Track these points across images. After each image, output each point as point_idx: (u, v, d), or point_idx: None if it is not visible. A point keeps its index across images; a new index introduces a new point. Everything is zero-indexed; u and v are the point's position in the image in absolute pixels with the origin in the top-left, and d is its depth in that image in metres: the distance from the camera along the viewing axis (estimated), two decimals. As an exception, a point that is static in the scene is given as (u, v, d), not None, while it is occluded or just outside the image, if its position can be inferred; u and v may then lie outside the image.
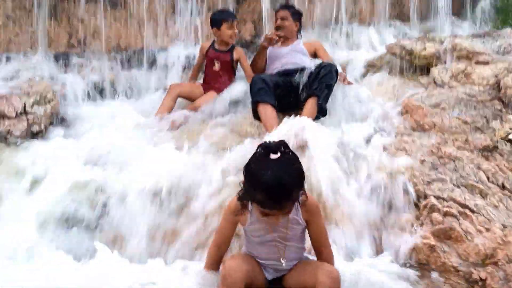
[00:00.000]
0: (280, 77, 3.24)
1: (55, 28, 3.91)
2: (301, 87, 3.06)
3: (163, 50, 4.23)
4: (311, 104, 2.95)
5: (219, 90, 3.39)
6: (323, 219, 1.59)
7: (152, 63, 4.16)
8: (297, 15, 3.66)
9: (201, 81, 3.67)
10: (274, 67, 3.42)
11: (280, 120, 2.74)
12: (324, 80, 3.00)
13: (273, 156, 1.37)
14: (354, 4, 5.20)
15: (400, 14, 5.51)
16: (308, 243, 1.61)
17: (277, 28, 3.56)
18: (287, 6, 3.78)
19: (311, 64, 3.30)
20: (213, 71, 3.49)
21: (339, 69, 3.14)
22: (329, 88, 3.04)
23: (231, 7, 4.53)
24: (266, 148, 1.39)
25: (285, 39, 3.54)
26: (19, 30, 3.80)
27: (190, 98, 3.49)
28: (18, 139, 2.77)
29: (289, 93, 3.07)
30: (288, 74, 3.25)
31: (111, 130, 2.84)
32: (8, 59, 3.68)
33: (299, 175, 1.40)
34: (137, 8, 4.16)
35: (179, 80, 4.03)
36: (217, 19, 3.47)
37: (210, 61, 3.52)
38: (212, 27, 3.51)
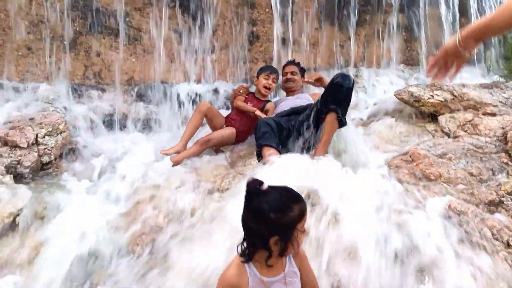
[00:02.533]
0: (286, 116, 3.33)
1: (72, 60, 4.03)
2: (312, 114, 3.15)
3: (175, 85, 4.33)
4: (330, 120, 3.01)
5: (238, 130, 3.56)
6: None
7: (165, 98, 4.25)
8: (303, 72, 4.03)
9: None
10: (281, 110, 3.52)
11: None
12: (338, 96, 3.04)
13: (265, 187, 1.43)
14: (363, 47, 5.31)
15: (409, 58, 5.61)
16: None
17: (287, 80, 3.88)
18: (295, 63, 4.05)
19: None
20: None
21: (351, 78, 3.12)
22: (346, 101, 3.07)
23: (244, 46, 4.67)
24: (254, 183, 1.43)
25: (291, 91, 3.86)
26: (38, 61, 3.91)
27: (210, 121, 3.62)
28: (28, 169, 2.81)
29: (299, 129, 3.14)
30: (295, 112, 3.34)
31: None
32: (25, 88, 3.79)
33: None
34: (152, 44, 4.29)
35: (188, 115, 4.12)
36: (259, 71, 3.85)
37: (246, 101, 3.74)
38: (255, 77, 3.89)
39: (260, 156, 2.91)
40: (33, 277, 1.97)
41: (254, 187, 1.42)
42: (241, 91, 3.84)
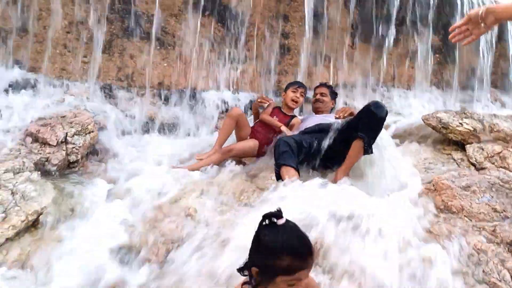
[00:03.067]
0: (310, 133, 3.33)
1: (106, 61, 4.14)
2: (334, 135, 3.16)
3: (205, 92, 4.39)
4: (356, 147, 2.99)
5: (261, 143, 3.58)
6: None
7: (193, 104, 4.32)
8: (334, 95, 4.07)
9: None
10: (306, 126, 3.52)
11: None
12: (369, 124, 3.00)
13: (280, 222, 1.39)
14: (395, 67, 5.26)
15: (441, 81, 5.52)
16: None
17: (316, 100, 3.93)
18: (327, 85, 4.09)
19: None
20: None
21: (385, 108, 3.06)
22: (376, 131, 3.03)
23: (275, 58, 4.70)
24: (271, 217, 1.41)
25: (320, 111, 3.90)
26: (73, 60, 4.03)
27: (239, 129, 3.64)
28: (55, 167, 2.90)
29: (321, 148, 3.13)
30: (320, 130, 3.34)
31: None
32: (60, 84, 3.91)
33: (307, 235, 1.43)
34: (185, 50, 4.36)
35: (215, 122, 4.19)
36: (288, 85, 3.90)
37: (271, 115, 3.75)
38: (284, 91, 3.92)
39: (278, 176, 2.90)
40: (50, 277, 2.02)
41: (269, 216, 1.42)
42: (262, 101, 3.83)
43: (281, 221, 1.39)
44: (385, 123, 4.01)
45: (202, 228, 2.36)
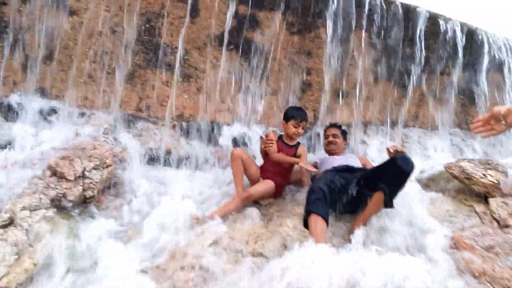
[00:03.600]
0: (341, 172, 3.27)
1: (128, 92, 4.18)
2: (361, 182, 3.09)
3: (223, 125, 4.39)
4: (376, 200, 2.92)
5: (277, 184, 3.51)
6: None
7: (213, 137, 4.31)
8: (345, 134, 4.03)
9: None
10: (330, 166, 3.47)
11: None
12: (394, 179, 2.92)
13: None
14: (417, 106, 5.19)
15: (464, 122, 5.42)
16: None
17: (329, 143, 3.90)
18: (337, 125, 4.05)
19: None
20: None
21: (413, 162, 2.97)
22: (400, 186, 2.95)
23: (296, 93, 4.68)
24: None
25: (333, 153, 3.87)
26: (96, 89, 4.08)
27: (245, 170, 3.56)
28: (71, 203, 2.90)
29: (349, 189, 3.07)
30: (350, 170, 3.29)
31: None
32: (83, 113, 3.96)
33: None
34: (206, 83, 4.38)
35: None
36: (288, 114, 3.65)
37: (278, 151, 3.62)
38: (283, 119, 3.69)
39: (305, 223, 2.81)
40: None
41: None
42: (268, 144, 3.74)
43: None
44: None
45: (215, 280, 2.31)
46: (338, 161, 3.62)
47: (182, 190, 3.53)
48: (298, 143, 3.71)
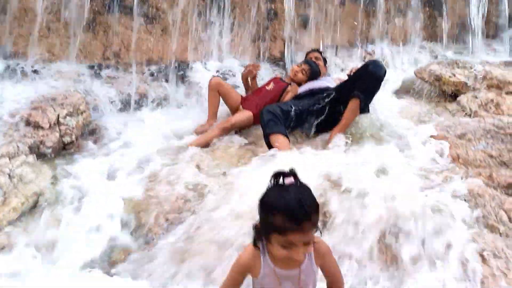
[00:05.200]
0: (303, 98, 3.30)
1: (92, 40, 4.07)
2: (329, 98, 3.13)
3: (193, 64, 4.34)
4: (352, 106, 2.98)
5: (256, 114, 3.45)
6: (333, 257, 1.56)
7: (182, 77, 4.27)
8: (325, 60, 4.06)
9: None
10: (299, 92, 3.49)
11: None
12: (367, 84, 2.98)
13: (287, 181, 1.37)
14: (386, 23, 5.19)
15: (432, 35, 5.46)
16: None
17: None
18: (319, 51, 4.10)
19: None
20: (265, 89, 3.65)
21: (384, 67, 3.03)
22: (374, 90, 3.03)
23: (263, 25, 4.63)
24: (279, 175, 1.38)
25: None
26: (58, 41, 3.97)
27: (225, 98, 3.61)
28: (50, 149, 2.89)
29: (312, 112, 3.10)
30: (313, 94, 3.31)
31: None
32: (46, 68, 3.86)
33: (315, 200, 1.37)
34: (170, 23, 4.28)
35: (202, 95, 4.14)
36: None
37: (269, 82, 3.71)
38: None
39: (270, 146, 2.85)
40: (55, 256, 2.05)
41: (278, 175, 1.39)
42: (250, 69, 3.78)
43: (287, 180, 1.37)
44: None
45: (202, 197, 2.37)
46: (306, 86, 3.58)
47: (160, 129, 3.53)
48: (291, 84, 3.68)
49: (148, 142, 3.15)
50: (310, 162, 2.31)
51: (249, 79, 3.85)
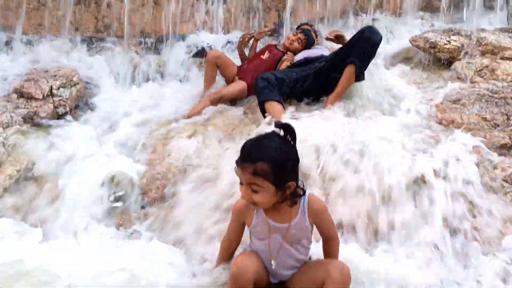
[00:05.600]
0: (298, 67, 3.29)
1: (83, 13, 4.02)
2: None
3: (187, 36, 4.30)
4: (348, 73, 2.95)
5: (251, 84, 3.39)
6: (329, 215, 1.59)
7: (176, 49, 4.23)
8: (316, 33, 3.90)
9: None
10: (295, 60, 3.47)
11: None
12: (363, 49, 2.93)
13: (274, 130, 1.46)
14: (381, -7, 5.12)
15: (428, 5, 5.40)
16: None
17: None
18: (310, 24, 3.98)
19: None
20: (260, 58, 3.60)
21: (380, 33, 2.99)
22: (370, 56, 3.00)
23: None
24: (279, 125, 1.47)
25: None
26: (49, 14, 3.91)
27: (222, 71, 3.58)
28: (44, 120, 2.88)
29: (307, 79, 3.10)
30: (308, 62, 3.29)
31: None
32: (37, 42, 3.81)
33: (275, 156, 1.40)
34: (163, -5, 4.22)
35: (198, 68, 4.11)
36: None
37: (263, 51, 3.65)
38: None
39: (264, 113, 2.83)
40: (54, 221, 2.07)
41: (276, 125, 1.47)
42: (244, 38, 3.75)
43: (276, 130, 1.46)
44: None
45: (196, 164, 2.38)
46: (300, 54, 3.56)
47: (154, 100, 3.51)
48: (287, 53, 3.61)
49: (142, 113, 3.13)
50: (305, 127, 2.31)
51: (244, 48, 3.82)
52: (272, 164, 1.38)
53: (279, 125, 1.45)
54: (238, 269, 1.44)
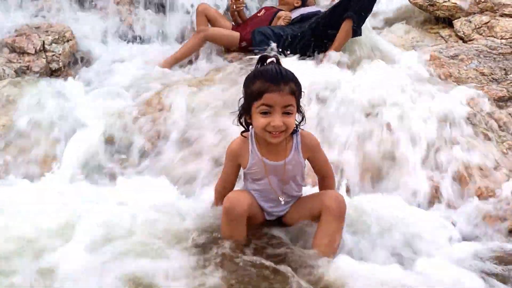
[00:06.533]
0: (296, 24, 3.25)
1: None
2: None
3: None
4: (345, 28, 2.91)
5: (244, 34, 3.32)
6: (323, 151, 1.59)
7: (171, 6, 4.13)
8: None
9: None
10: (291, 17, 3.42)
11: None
12: (360, 3, 2.91)
13: (269, 60, 1.46)
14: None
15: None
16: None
17: None
18: None
19: None
20: (256, 16, 3.53)
21: None
22: (367, 11, 2.97)
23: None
24: (262, 58, 1.47)
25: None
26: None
27: (214, 23, 3.47)
28: (37, 75, 2.84)
29: (304, 36, 3.06)
30: (305, 19, 3.25)
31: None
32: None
33: (294, 75, 1.44)
34: None
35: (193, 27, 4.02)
36: None
37: (260, 10, 3.58)
38: None
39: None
40: (54, 171, 2.06)
41: (260, 60, 1.47)
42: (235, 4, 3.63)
43: (269, 60, 1.45)
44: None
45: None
46: (296, 12, 3.48)
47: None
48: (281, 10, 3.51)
49: (137, 68, 3.09)
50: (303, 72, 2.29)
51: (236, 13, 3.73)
52: (298, 84, 1.43)
53: (273, 55, 1.47)
54: (230, 203, 1.45)
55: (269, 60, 1.46)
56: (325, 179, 1.60)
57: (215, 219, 1.53)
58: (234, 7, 3.51)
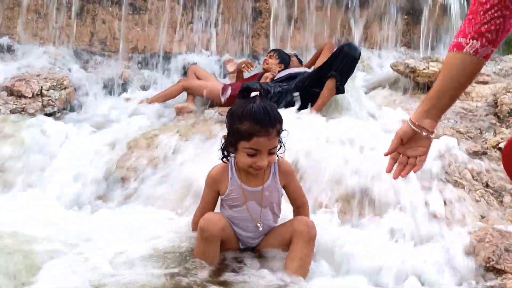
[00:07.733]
0: (279, 82, 3.44)
1: (79, 27, 4.16)
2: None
3: (178, 55, 4.45)
4: (329, 86, 3.08)
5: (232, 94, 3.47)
6: (297, 179, 1.66)
7: (167, 67, 4.37)
8: (300, 61, 4.13)
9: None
10: (279, 76, 3.62)
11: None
12: (342, 64, 3.07)
13: (254, 94, 1.50)
14: (364, 28, 5.39)
15: (410, 41, 5.68)
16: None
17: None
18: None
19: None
20: (243, 79, 3.74)
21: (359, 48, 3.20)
22: (349, 70, 3.12)
23: (247, 22, 4.78)
24: (246, 88, 1.51)
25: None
26: (46, 25, 4.05)
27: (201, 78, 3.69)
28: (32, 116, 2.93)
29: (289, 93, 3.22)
30: (291, 78, 3.44)
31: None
32: (33, 50, 3.92)
33: (279, 112, 1.50)
34: (157, 14, 4.40)
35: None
36: None
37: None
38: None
39: None
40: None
41: (244, 90, 1.51)
42: (246, 66, 3.86)
43: (253, 94, 1.49)
44: (356, 78, 4.09)
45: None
46: (284, 72, 3.70)
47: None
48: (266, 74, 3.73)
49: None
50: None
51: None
52: (281, 121, 1.51)
53: (257, 88, 1.52)
54: (205, 222, 1.48)
55: (253, 94, 1.51)
56: (299, 208, 1.64)
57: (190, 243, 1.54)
58: (243, 66, 3.73)
